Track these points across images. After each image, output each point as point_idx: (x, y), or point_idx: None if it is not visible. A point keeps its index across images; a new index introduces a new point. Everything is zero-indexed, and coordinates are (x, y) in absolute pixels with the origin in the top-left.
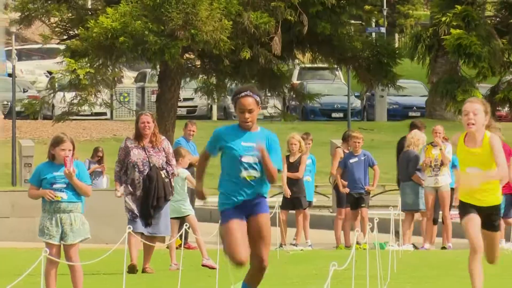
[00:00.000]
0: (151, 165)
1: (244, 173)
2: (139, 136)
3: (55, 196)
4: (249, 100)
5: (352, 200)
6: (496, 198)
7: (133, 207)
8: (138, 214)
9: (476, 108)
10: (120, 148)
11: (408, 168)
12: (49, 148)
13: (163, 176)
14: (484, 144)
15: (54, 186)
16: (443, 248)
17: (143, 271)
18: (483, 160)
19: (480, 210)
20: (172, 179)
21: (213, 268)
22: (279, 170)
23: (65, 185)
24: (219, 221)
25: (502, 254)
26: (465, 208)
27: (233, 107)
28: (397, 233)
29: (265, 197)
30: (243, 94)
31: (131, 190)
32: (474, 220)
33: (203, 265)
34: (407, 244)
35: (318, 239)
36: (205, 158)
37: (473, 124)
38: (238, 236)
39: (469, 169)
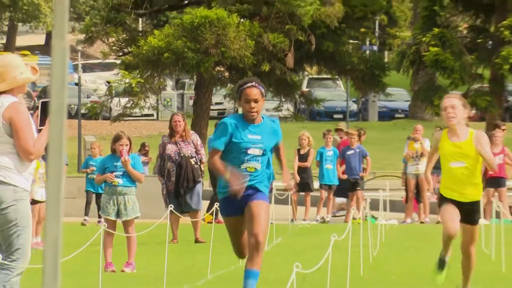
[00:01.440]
0: (182, 155)
1: (246, 164)
2: (172, 133)
3: (114, 180)
4: (255, 91)
5: (350, 184)
6: (479, 193)
7: (165, 197)
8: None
9: (454, 102)
10: (159, 145)
11: None
12: (111, 144)
13: (192, 163)
14: (469, 139)
15: (114, 173)
16: (422, 222)
17: (196, 241)
18: (468, 154)
19: (461, 205)
20: (202, 165)
21: None
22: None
23: (121, 173)
24: (219, 210)
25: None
26: (445, 201)
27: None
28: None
29: (262, 192)
30: (248, 84)
31: (166, 181)
32: (452, 209)
33: None
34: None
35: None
36: (218, 156)
37: (453, 117)
38: (239, 231)
39: (453, 163)
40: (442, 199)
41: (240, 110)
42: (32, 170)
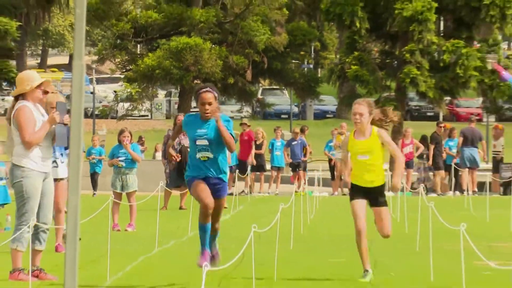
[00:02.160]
0: (181, 145)
1: (198, 154)
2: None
3: (119, 164)
4: (209, 95)
5: (294, 166)
6: (382, 179)
7: (167, 175)
8: (170, 180)
9: (361, 110)
10: (164, 136)
11: None
12: (117, 136)
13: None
14: (372, 136)
15: (119, 158)
16: (344, 194)
17: (180, 208)
18: (371, 149)
19: (369, 191)
20: None
21: None
22: (235, 140)
23: (124, 158)
24: (189, 189)
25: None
26: (355, 192)
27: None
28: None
29: (225, 181)
30: (203, 90)
31: (168, 163)
32: (361, 204)
33: None
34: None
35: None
36: (178, 130)
37: (358, 122)
38: (203, 187)
39: (360, 156)
40: (352, 188)
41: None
42: (47, 154)
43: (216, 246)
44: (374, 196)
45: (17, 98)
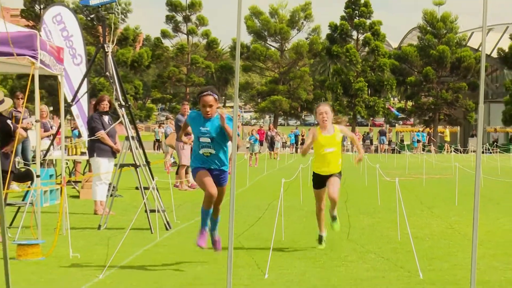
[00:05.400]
0: None
1: (201, 150)
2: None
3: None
4: (210, 98)
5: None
6: (339, 167)
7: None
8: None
9: (326, 109)
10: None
11: None
12: None
13: None
14: (335, 132)
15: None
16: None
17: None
18: (335, 142)
19: (326, 177)
20: None
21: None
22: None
23: None
24: (193, 177)
25: None
26: (316, 181)
27: None
28: None
29: (226, 171)
30: (205, 93)
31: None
32: (321, 193)
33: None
34: None
35: None
36: (185, 126)
37: (326, 120)
38: (207, 177)
39: (327, 149)
40: (314, 176)
41: None
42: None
43: (217, 232)
44: (330, 176)
45: None
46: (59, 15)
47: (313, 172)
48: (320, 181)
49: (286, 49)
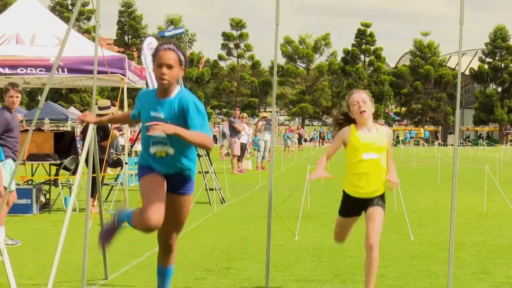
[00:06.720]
0: None
1: (153, 149)
2: None
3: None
4: (170, 55)
5: None
6: (381, 186)
7: None
8: None
9: (363, 97)
10: None
11: None
12: None
13: None
14: (378, 132)
15: None
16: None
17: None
18: (378, 146)
19: (364, 201)
20: None
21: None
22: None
23: None
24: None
25: None
26: (346, 206)
27: None
28: None
29: (191, 177)
30: (165, 46)
31: None
32: (349, 225)
33: None
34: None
35: None
36: (126, 115)
37: (364, 111)
38: (156, 195)
39: (365, 155)
40: (344, 198)
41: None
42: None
43: None
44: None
45: None
46: (151, 43)
47: (343, 191)
48: (351, 208)
49: (311, 68)
